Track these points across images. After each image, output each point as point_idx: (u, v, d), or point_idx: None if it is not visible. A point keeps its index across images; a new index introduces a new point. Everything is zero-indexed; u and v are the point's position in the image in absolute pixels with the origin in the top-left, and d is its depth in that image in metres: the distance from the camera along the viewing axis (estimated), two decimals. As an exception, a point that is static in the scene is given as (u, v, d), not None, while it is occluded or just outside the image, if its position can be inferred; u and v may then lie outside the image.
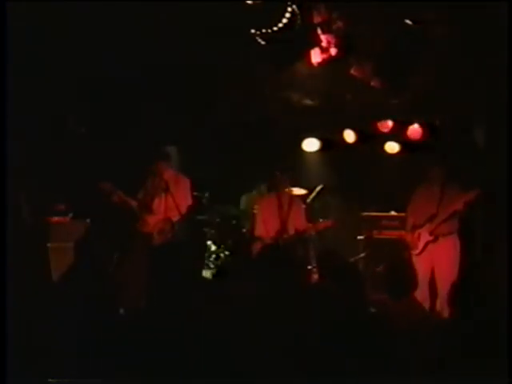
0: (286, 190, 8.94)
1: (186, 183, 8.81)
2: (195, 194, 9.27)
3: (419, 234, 8.29)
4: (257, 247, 8.75)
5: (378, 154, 10.02)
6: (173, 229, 8.60)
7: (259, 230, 8.94)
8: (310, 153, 10.42)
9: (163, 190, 8.57)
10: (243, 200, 10.97)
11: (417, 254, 8.29)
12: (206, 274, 10.15)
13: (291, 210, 8.88)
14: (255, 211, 9.34)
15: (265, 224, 8.91)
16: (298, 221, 8.89)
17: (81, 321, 4.94)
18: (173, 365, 4.22)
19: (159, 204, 8.63)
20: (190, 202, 8.82)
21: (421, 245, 8.27)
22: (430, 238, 8.22)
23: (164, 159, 8.76)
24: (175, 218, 8.60)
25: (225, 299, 5.06)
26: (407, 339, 4.56)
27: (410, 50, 8.37)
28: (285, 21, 8.10)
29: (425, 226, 8.26)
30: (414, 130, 9.73)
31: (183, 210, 8.71)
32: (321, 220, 9.14)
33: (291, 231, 8.81)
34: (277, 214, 8.87)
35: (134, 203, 8.63)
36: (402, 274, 8.67)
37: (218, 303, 4.93)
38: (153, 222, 8.63)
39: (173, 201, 8.54)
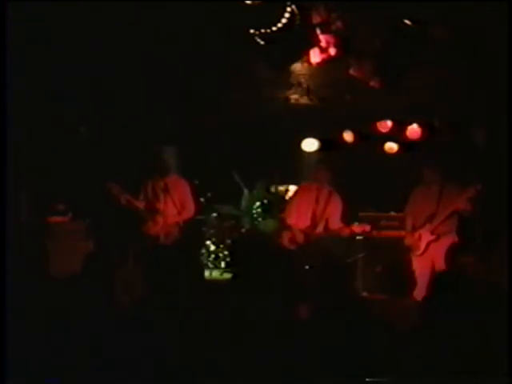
0: (325, 185, 8.78)
1: (185, 186, 8.80)
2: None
3: (420, 235, 8.28)
4: (287, 236, 8.66)
5: (377, 154, 10.01)
6: (180, 232, 8.60)
7: (291, 219, 8.80)
8: (310, 153, 10.42)
9: (163, 193, 8.58)
10: (243, 200, 10.98)
11: (419, 255, 8.28)
12: (207, 274, 10.17)
13: (327, 207, 8.73)
14: (290, 197, 9.12)
15: (298, 213, 8.78)
16: (331, 219, 8.75)
17: (80, 320, 4.94)
18: (174, 365, 4.23)
19: (163, 207, 8.62)
20: (192, 204, 8.81)
21: (423, 245, 8.24)
22: (432, 237, 8.19)
23: (163, 160, 8.77)
24: (179, 220, 8.62)
25: (225, 299, 5.07)
26: (407, 339, 4.57)
27: (409, 50, 8.37)
28: (284, 21, 8.09)
29: (425, 227, 8.26)
30: (413, 130, 9.73)
31: (187, 212, 8.72)
32: (356, 223, 8.78)
33: (321, 228, 8.69)
34: (312, 206, 8.74)
35: (140, 205, 8.62)
36: (401, 274, 8.70)
37: (219, 303, 4.94)
38: (159, 223, 8.62)
39: (174, 203, 8.56)
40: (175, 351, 4.34)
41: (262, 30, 8.18)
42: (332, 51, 8.48)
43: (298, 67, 8.99)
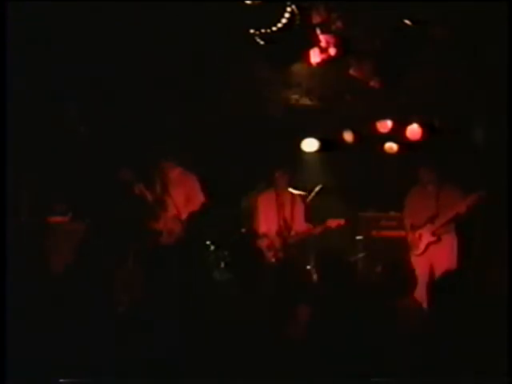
0: (287, 189, 8.94)
1: (193, 179, 8.85)
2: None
3: (420, 235, 8.31)
4: (264, 244, 8.72)
5: (377, 154, 10.02)
6: (182, 229, 8.63)
7: (262, 227, 8.90)
8: (310, 153, 10.42)
9: (167, 189, 8.63)
10: (243, 200, 10.97)
11: (418, 255, 8.30)
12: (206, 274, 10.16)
13: (293, 210, 8.86)
14: (255, 208, 9.29)
15: (266, 221, 8.89)
16: (297, 221, 8.88)
17: (81, 320, 4.94)
18: (174, 365, 4.23)
19: (167, 203, 8.68)
20: (201, 198, 8.85)
21: (422, 245, 8.28)
22: (433, 238, 8.23)
23: (167, 158, 8.80)
24: (183, 216, 8.66)
25: (225, 299, 5.07)
26: (407, 339, 4.57)
27: (410, 50, 8.38)
28: (284, 21, 8.08)
29: (426, 227, 8.28)
30: (413, 130, 9.73)
31: (192, 207, 8.76)
32: (329, 219, 8.84)
33: (293, 231, 8.80)
34: (279, 212, 8.84)
35: (150, 198, 8.65)
36: (401, 274, 8.70)
37: (218, 302, 4.94)
38: (163, 219, 8.66)
39: (178, 199, 8.60)
40: (175, 351, 4.34)
41: (262, 30, 8.17)
42: (332, 51, 8.47)
43: (297, 67, 8.98)
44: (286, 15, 8.03)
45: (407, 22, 7.90)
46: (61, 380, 4.44)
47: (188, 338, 4.40)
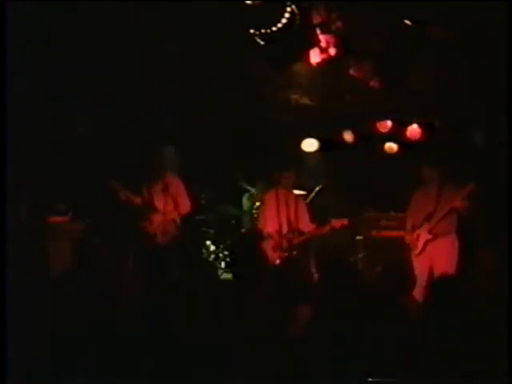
0: (289, 189, 8.93)
1: (179, 184, 8.90)
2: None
3: (418, 235, 8.32)
4: (269, 245, 8.70)
5: (377, 154, 10.03)
6: (177, 229, 8.65)
7: (269, 227, 8.87)
8: (310, 153, 10.43)
9: (162, 190, 8.66)
10: (243, 200, 10.98)
11: (417, 254, 8.32)
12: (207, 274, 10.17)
13: (297, 210, 8.84)
14: (260, 207, 9.26)
15: (272, 220, 8.86)
16: (302, 222, 8.84)
17: (80, 320, 4.94)
18: (174, 365, 4.23)
19: (161, 204, 8.70)
20: (188, 202, 8.89)
21: (420, 245, 8.30)
22: (429, 236, 8.25)
23: (163, 159, 8.83)
24: (176, 217, 8.67)
25: (225, 299, 5.07)
26: (406, 339, 4.57)
27: (410, 50, 8.38)
28: (284, 21, 8.08)
29: (423, 226, 8.29)
30: (413, 130, 9.75)
31: (184, 209, 8.79)
32: (333, 219, 8.79)
33: (299, 232, 8.76)
34: (282, 212, 8.81)
35: (138, 201, 8.69)
36: (401, 274, 8.71)
37: (218, 303, 4.94)
38: (156, 221, 8.69)
39: (172, 200, 8.63)
40: (175, 351, 4.34)
41: (262, 30, 8.17)
42: (332, 51, 8.47)
43: (297, 67, 8.98)
44: (286, 15, 8.02)
45: (407, 21, 7.89)
46: (61, 380, 4.44)
47: (188, 337, 4.40)
